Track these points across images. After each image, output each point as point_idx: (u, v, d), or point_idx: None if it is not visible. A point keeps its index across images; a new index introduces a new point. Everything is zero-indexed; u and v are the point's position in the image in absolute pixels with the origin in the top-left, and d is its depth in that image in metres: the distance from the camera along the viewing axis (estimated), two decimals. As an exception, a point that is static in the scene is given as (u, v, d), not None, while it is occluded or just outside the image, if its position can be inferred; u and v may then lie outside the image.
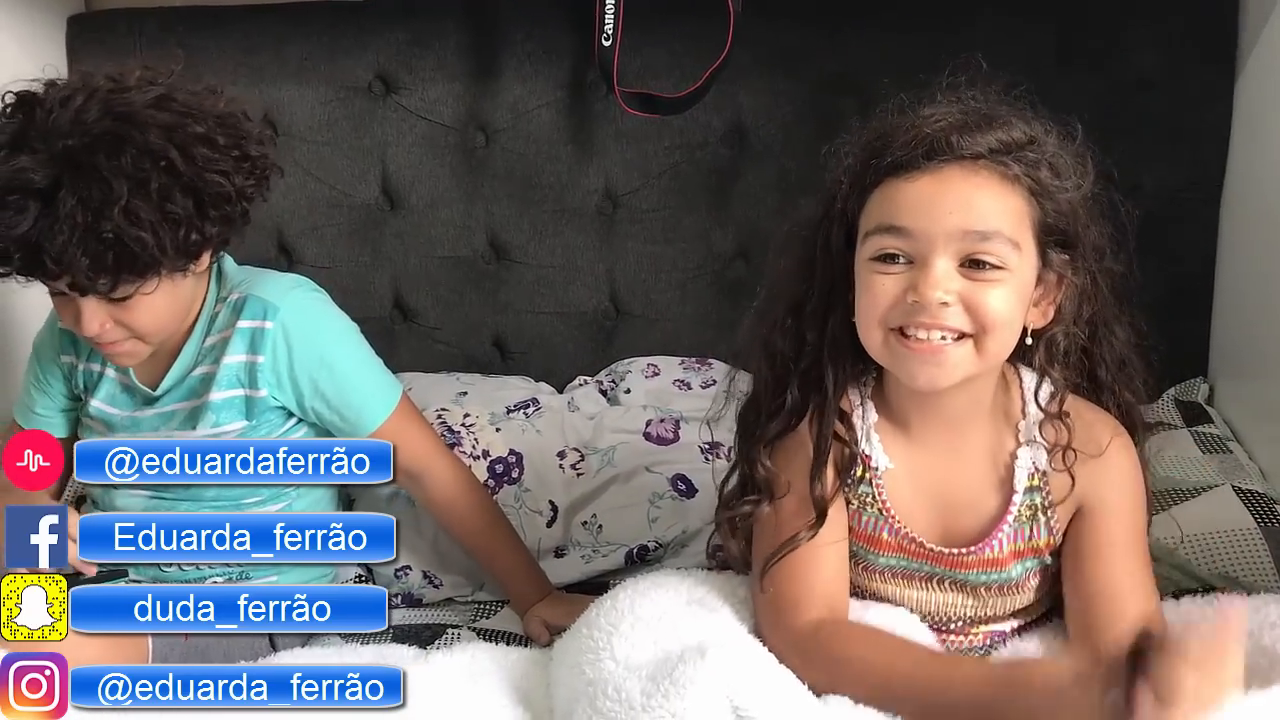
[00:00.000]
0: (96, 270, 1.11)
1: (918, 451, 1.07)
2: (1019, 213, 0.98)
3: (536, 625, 1.34)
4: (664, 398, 1.67)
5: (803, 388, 1.07)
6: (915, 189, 0.97)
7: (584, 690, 1.00)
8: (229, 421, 1.27)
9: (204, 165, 1.14)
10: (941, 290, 0.95)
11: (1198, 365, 1.72)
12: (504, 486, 1.51)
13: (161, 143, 1.11)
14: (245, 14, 1.76)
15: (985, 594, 1.07)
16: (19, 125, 1.12)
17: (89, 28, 1.79)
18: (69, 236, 1.08)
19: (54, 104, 1.12)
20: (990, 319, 0.96)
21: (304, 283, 1.33)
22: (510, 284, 1.80)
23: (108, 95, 1.13)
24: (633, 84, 1.66)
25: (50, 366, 1.33)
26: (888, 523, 1.07)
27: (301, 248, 1.80)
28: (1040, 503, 1.05)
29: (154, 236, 1.11)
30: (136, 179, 1.10)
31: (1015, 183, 0.98)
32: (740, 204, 1.75)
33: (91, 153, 1.09)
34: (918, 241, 0.96)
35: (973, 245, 0.96)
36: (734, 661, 0.96)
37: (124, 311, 1.18)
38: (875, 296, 0.98)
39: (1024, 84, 1.03)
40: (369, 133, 1.76)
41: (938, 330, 0.96)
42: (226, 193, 1.16)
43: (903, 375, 1.00)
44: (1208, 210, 1.68)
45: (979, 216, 0.96)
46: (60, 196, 1.08)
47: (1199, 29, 1.65)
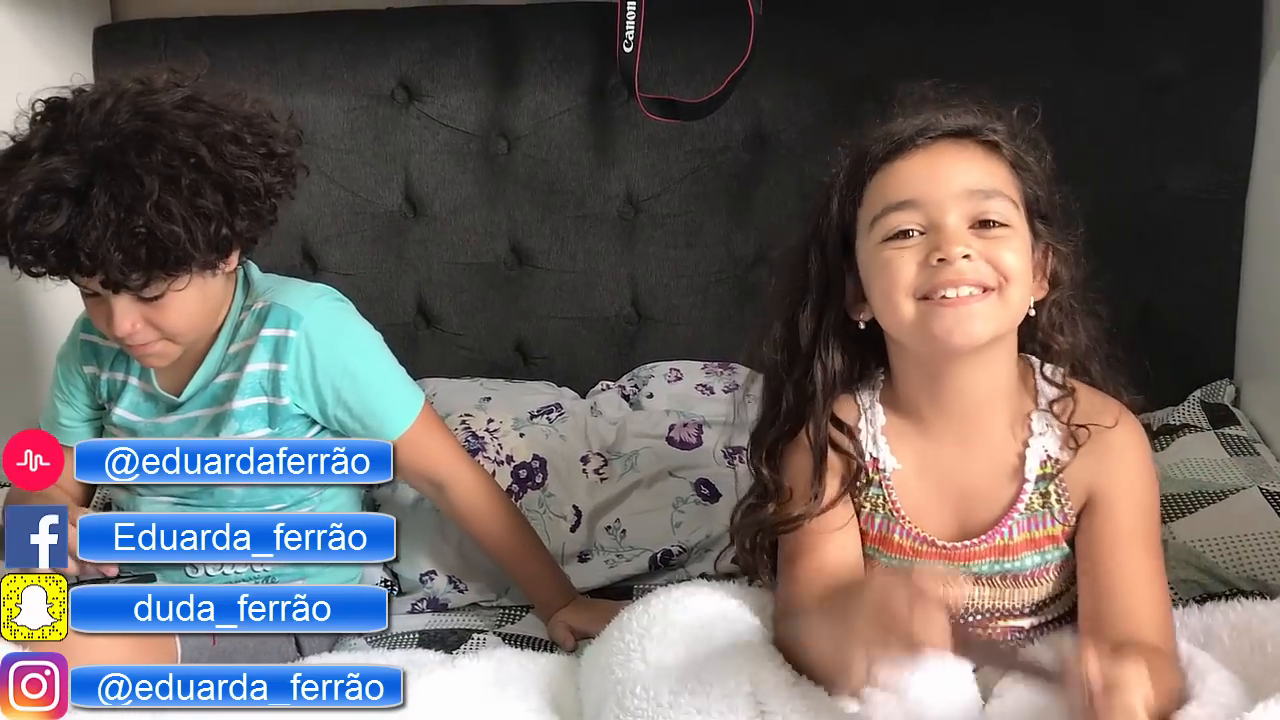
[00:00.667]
0: (129, 266, 1.12)
1: (929, 446, 1.08)
2: (1008, 180, 1.04)
3: (562, 630, 1.34)
4: (686, 402, 1.67)
5: (797, 395, 1.10)
6: (913, 164, 1.02)
7: (612, 689, 1.01)
8: (252, 429, 1.28)
9: (232, 162, 1.16)
10: (963, 245, 0.98)
11: (1224, 367, 1.71)
12: (528, 491, 1.51)
13: (191, 140, 1.13)
14: (269, 23, 1.78)
15: (1001, 584, 1.07)
16: (51, 130, 1.14)
17: (115, 38, 1.80)
18: (102, 232, 1.10)
19: (84, 108, 1.14)
20: (1008, 269, 1.00)
21: (328, 292, 1.34)
22: (532, 289, 1.80)
23: (136, 97, 1.15)
24: (653, 89, 1.66)
25: (73, 378, 1.35)
26: (898, 524, 1.07)
27: (326, 255, 1.81)
28: (1053, 490, 1.06)
29: (185, 231, 1.12)
30: (167, 175, 1.12)
31: (999, 153, 1.04)
32: (761, 208, 1.75)
33: (122, 152, 1.11)
34: (928, 208, 1.00)
35: (979, 204, 1.00)
36: (760, 664, 0.96)
37: (155, 311, 1.19)
38: (896, 271, 1.01)
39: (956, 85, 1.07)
40: (392, 140, 1.77)
41: (965, 285, 0.99)
42: (255, 188, 1.18)
43: (938, 337, 1.00)
44: (1233, 211, 1.67)
45: (979, 177, 1.01)
46: (93, 194, 1.10)
47: (1222, 27, 1.64)
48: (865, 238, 1.04)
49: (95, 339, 1.34)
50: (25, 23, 1.70)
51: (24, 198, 1.10)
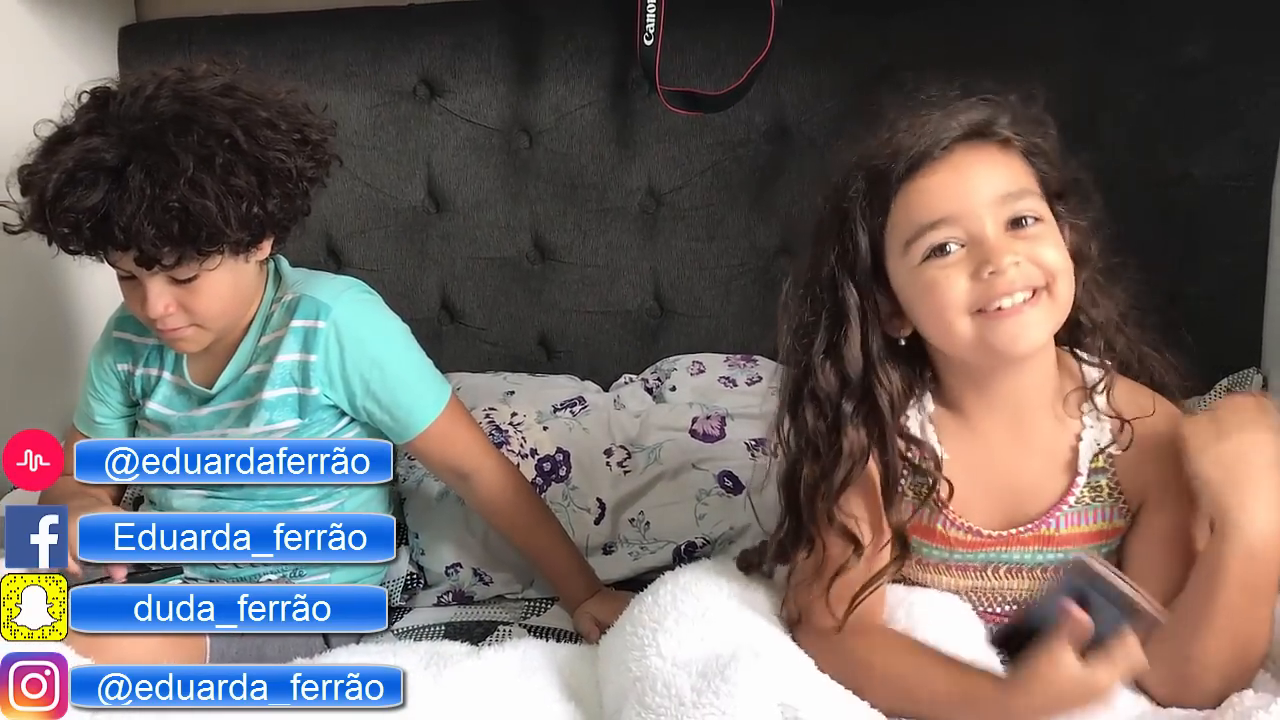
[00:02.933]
0: (162, 240, 1.15)
1: (977, 442, 1.07)
2: (1026, 171, 1.04)
3: (587, 622, 1.35)
4: (709, 394, 1.67)
5: (865, 425, 1.06)
6: (937, 179, 1.01)
7: (631, 687, 1.01)
8: (282, 419, 1.29)
9: (266, 144, 1.19)
10: (1010, 254, 0.98)
11: (1251, 356, 1.69)
12: (552, 484, 1.52)
13: (226, 123, 1.17)
14: (291, 21, 1.79)
15: (1041, 576, 1.07)
16: (94, 115, 1.18)
17: (140, 37, 1.82)
18: (136, 207, 1.13)
19: (126, 94, 1.18)
20: (1052, 266, 1.00)
21: (357, 284, 1.35)
22: (555, 283, 1.81)
23: (176, 84, 1.19)
24: (675, 82, 1.66)
25: (107, 375, 1.36)
26: (941, 514, 1.07)
27: (349, 251, 1.82)
28: (1106, 484, 1.06)
29: (218, 207, 1.16)
30: (202, 155, 1.15)
31: (1012, 147, 1.03)
32: (783, 200, 1.74)
33: (160, 133, 1.15)
34: (965, 221, 0.99)
35: (1011, 207, 1.00)
36: (786, 664, 0.96)
37: (188, 295, 1.21)
38: (946, 290, 1.00)
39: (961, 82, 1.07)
40: (414, 136, 1.78)
41: (1017, 292, 0.99)
42: (288, 170, 1.21)
43: (999, 349, 1.01)
44: (1260, 198, 1.65)
45: (1004, 179, 1.01)
46: (129, 171, 1.13)
47: (1250, 12, 1.62)
48: (899, 259, 1.03)
49: (129, 336, 1.36)
50: (51, 23, 1.72)
51: (63, 175, 1.14)
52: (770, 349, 1.76)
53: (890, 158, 1.02)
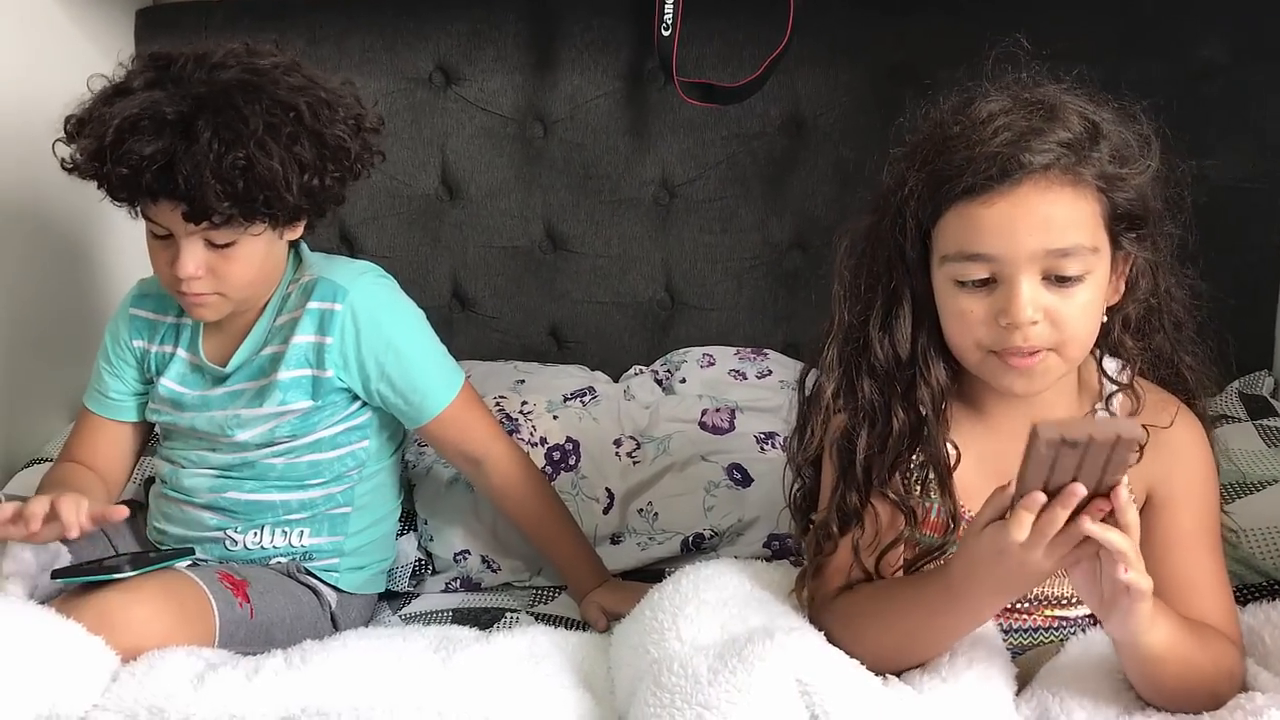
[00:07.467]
0: (223, 195, 1.17)
1: (991, 437, 1.07)
2: (1093, 216, 0.98)
3: (594, 611, 1.35)
4: (719, 387, 1.67)
5: (904, 408, 1.05)
6: (993, 214, 0.96)
7: (648, 668, 1.01)
8: (295, 400, 1.29)
9: (328, 123, 1.23)
10: (1031, 310, 0.97)
11: (1263, 358, 1.69)
12: (561, 473, 1.52)
13: (293, 97, 1.21)
14: (308, 6, 1.79)
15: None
16: (153, 74, 1.20)
17: (157, 20, 1.82)
18: (204, 158, 1.15)
19: (188, 59, 1.20)
20: (1072, 330, 0.98)
21: (374, 268, 1.36)
22: (567, 273, 1.81)
23: (241, 56, 1.22)
24: (691, 74, 1.66)
25: (122, 351, 1.36)
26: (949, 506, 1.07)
27: (362, 237, 1.82)
28: None
29: (283, 171, 1.19)
30: (269, 121, 1.18)
31: (1086, 185, 0.98)
32: (797, 194, 1.74)
33: (228, 95, 1.18)
34: (1001, 265, 0.97)
35: (1054, 263, 0.97)
36: (802, 643, 0.97)
37: (221, 260, 1.23)
38: (966, 321, 1.00)
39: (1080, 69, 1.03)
40: (429, 124, 1.78)
41: (1030, 347, 0.98)
42: (346, 148, 1.25)
43: (1000, 387, 1.02)
44: (1273, 202, 1.65)
45: (1059, 234, 0.96)
46: (198, 125, 1.16)
47: (1264, 15, 1.62)
48: (937, 265, 1.02)
49: (146, 313, 1.36)
50: (69, 5, 1.72)
51: (125, 121, 1.15)
52: (782, 343, 1.77)
53: (958, 168, 0.97)
